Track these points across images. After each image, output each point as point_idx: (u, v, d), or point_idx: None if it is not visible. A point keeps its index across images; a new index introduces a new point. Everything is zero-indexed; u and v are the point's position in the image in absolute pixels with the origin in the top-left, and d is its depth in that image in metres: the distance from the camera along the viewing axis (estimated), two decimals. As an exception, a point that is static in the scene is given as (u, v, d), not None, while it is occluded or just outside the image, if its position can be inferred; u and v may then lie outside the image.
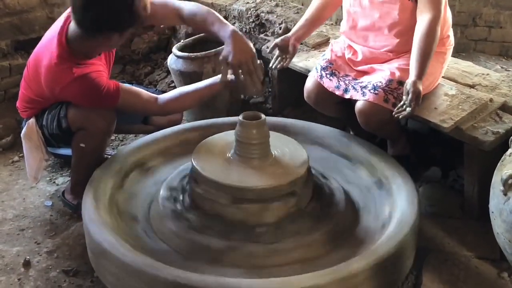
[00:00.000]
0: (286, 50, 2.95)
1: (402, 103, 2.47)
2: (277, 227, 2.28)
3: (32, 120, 2.72)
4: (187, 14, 2.65)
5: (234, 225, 2.28)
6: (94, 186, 2.44)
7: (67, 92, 2.49)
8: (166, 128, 2.90)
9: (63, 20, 2.54)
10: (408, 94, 2.45)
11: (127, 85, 2.63)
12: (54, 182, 3.07)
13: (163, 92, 2.84)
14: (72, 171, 2.82)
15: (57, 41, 2.48)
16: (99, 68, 2.56)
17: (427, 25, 2.54)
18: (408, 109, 2.44)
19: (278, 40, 2.97)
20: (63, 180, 3.07)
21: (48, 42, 2.55)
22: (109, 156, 2.84)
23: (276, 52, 2.97)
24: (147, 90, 2.76)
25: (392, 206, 2.40)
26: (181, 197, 2.45)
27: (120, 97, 2.53)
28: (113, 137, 3.46)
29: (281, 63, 2.97)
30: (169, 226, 2.33)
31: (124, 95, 2.55)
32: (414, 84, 2.46)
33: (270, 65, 2.99)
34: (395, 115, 2.48)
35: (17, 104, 2.80)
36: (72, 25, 2.46)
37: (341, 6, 2.93)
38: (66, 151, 3.07)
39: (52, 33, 2.57)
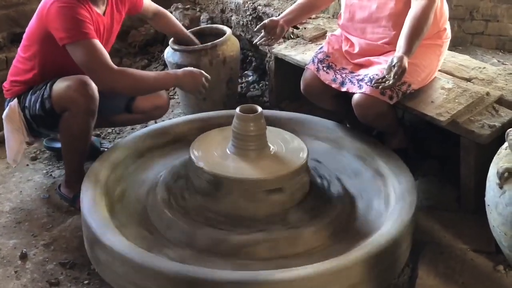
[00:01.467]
0: (273, 31, 2.96)
1: (383, 75, 2.47)
2: (263, 220, 2.29)
3: (14, 102, 2.73)
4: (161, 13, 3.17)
5: (221, 215, 2.31)
6: (92, 177, 2.45)
7: (50, 13, 2.54)
8: (152, 114, 2.92)
9: None
10: (393, 67, 2.44)
11: (100, 45, 2.60)
12: (50, 175, 3.07)
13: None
14: (64, 162, 2.82)
15: None
16: (91, 14, 2.61)
17: (420, 9, 2.54)
18: (390, 82, 2.43)
19: (267, 20, 2.98)
20: (59, 173, 3.07)
21: None
22: (106, 149, 2.85)
23: (263, 32, 2.98)
24: None
25: (390, 198, 2.41)
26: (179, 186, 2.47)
27: (87, 38, 2.52)
28: (109, 130, 3.46)
29: (266, 41, 2.98)
30: (165, 217, 2.34)
31: (91, 43, 2.53)
32: (401, 58, 2.45)
33: (255, 41, 2.99)
34: (374, 85, 2.48)
35: (4, 84, 2.82)
36: None
37: (339, -1, 2.94)
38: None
39: None
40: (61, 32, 2.53)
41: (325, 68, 2.83)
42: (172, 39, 3.43)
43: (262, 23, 2.99)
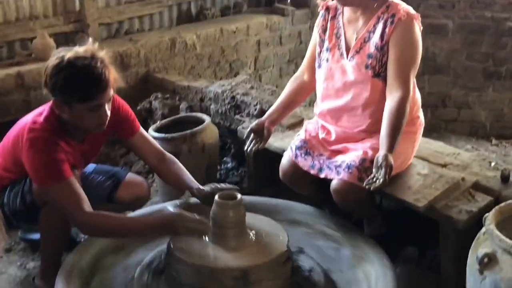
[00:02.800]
0: (260, 134, 2.99)
1: (372, 175, 2.49)
2: None
3: None
4: (168, 158, 2.82)
5: None
6: (66, 271, 2.39)
7: (23, 151, 2.48)
8: (133, 205, 2.89)
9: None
10: (380, 167, 2.48)
11: (75, 185, 2.47)
12: (25, 267, 2.99)
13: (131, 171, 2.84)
14: (41, 254, 2.76)
15: (49, 108, 2.54)
16: (64, 150, 2.52)
17: (396, 103, 2.61)
18: (381, 180, 2.45)
19: (253, 124, 3.01)
20: (34, 265, 2.99)
21: (37, 112, 2.60)
22: (82, 241, 2.80)
23: (251, 136, 3.01)
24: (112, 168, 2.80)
25: (370, 286, 2.38)
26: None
27: (53, 184, 2.42)
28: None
29: (256, 145, 3.00)
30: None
31: (63, 186, 2.43)
32: (386, 157, 2.49)
33: (245, 147, 3.02)
34: (366, 186, 2.49)
35: None
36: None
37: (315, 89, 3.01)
38: (37, 236, 3.01)
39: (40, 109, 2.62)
40: (33, 176, 2.51)
41: (303, 155, 2.86)
42: (152, 126, 3.46)
43: (249, 129, 3.01)
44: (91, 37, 2.59)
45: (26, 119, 2.60)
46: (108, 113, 2.54)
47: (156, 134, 3.44)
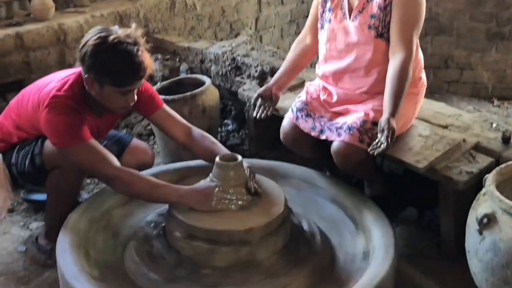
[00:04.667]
0: (268, 99, 2.99)
1: (377, 140, 2.50)
2: (224, 273, 2.26)
3: None
4: (196, 134, 2.75)
5: (183, 261, 2.29)
6: (69, 230, 2.41)
7: (41, 118, 2.48)
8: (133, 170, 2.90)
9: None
10: (382, 131, 2.48)
11: (99, 145, 2.49)
12: (27, 227, 3.02)
13: (137, 135, 2.83)
14: (47, 215, 2.78)
15: (75, 77, 2.53)
16: (85, 118, 2.53)
17: (399, 65, 2.59)
18: (384, 145, 2.46)
19: (260, 90, 3.02)
20: (36, 225, 3.02)
21: (62, 78, 2.58)
22: (83, 201, 2.81)
23: (259, 101, 3.01)
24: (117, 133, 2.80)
25: (370, 247, 2.40)
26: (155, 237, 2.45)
27: (76, 145, 2.42)
28: (88, 181, 3.43)
29: (264, 111, 3.00)
30: (136, 265, 2.33)
31: (87, 146, 2.44)
32: (388, 121, 2.49)
33: (254, 114, 3.02)
34: (371, 152, 2.50)
35: None
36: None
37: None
38: (40, 197, 3.04)
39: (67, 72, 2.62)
40: (53, 139, 2.48)
41: (304, 117, 2.86)
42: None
43: (256, 95, 3.02)
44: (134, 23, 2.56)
45: (50, 85, 2.58)
46: (135, 97, 2.55)
47: (157, 96, 3.42)
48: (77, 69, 2.55)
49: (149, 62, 2.50)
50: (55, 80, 2.60)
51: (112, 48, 2.39)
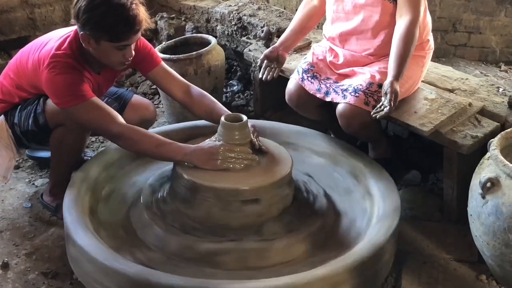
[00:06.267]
0: (274, 61, 2.98)
1: (380, 103, 2.49)
2: (237, 230, 2.28)
3: (1, 118, 2.69)
4: (196, 92, 2.71)
5: (197, 222, 2.32)
6: (75, 188, 2.43)
7: (43, 79, 2.46)
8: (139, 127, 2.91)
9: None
10: (386, 94, 2.48)
11: (101, 102, 2.49)
12: (33, 184, 3.04)
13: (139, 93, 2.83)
14: (51, 172, 2.79)
15: (73, 35, 2.51)
16: (85, 75, 2.52)
17: (405, 27, 2.57)
18: (387, 108, 2.46)
19: (266, 51, 3.01)
20: (42, 182, 3.04)
21: (61, 37, 2.55)
22: (89, 158, 2.83)
23: (265, 63, 2.99)
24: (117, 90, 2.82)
25: (373, 208, 2.42)
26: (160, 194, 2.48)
27: (79, 104, 2.41)
28: (93, 139, 3.44)
29: (270, 73, 2.99)
30: (143, 219, 2.36)
31: (90, 104, 2.43)
32: (392, 84, 2.48)
33: (260, 75, 3.01)
34: (373, 115, 2.50)
35: None
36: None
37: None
38: (44, 154, 3.05)
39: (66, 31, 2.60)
40: (55, 99, 2.46)
41: (309, 78, 2.84)
42: (157, 47, 3.43)
43: (263, 56, 3.00)
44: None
45: (49, 43, 2.56)
46: (133, 53, 2.52)
47: (162, 55, 3.41)
48: (75, 26, 2.53)
49: (145, 15, 2.46)
50: (54, 39, 2.57)
51: (106, 3, 2.36)
